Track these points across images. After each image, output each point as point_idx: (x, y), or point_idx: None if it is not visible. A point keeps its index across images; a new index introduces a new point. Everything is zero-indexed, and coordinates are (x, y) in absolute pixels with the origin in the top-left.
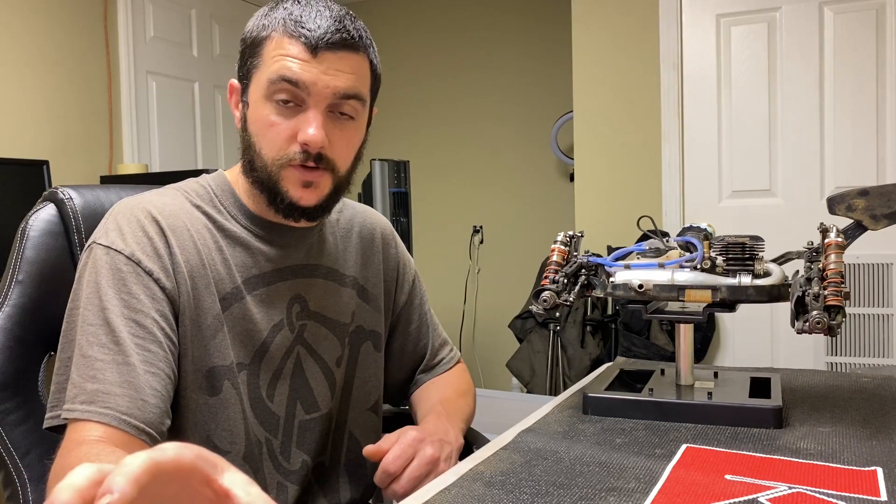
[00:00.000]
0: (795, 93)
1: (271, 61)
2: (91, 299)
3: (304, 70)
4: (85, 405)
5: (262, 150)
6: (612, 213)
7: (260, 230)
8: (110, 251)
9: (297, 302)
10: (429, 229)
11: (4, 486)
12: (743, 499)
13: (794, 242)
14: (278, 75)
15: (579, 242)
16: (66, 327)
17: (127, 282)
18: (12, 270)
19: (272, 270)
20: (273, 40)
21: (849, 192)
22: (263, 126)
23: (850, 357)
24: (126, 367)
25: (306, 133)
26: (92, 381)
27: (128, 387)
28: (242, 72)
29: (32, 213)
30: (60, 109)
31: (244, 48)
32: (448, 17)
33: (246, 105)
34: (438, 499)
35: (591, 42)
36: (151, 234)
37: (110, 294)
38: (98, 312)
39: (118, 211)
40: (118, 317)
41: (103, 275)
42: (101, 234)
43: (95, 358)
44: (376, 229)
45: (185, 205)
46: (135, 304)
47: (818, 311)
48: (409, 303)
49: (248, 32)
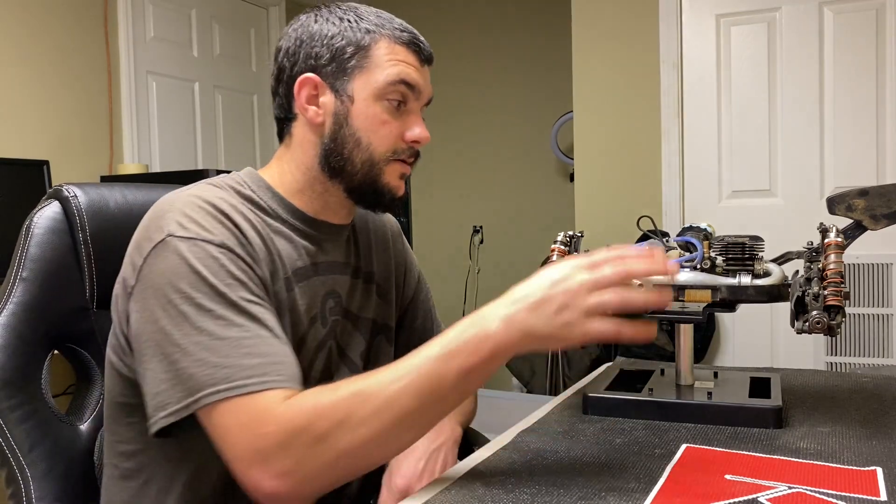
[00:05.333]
0: (795, 93)
1: (387, 64)
2: (201, 289)
3: (418, 76)
4: (258, 377)
5: (371, 144)
6: (612, 213)
7: (300, 224)
8: (198, 242)
9: (332, 297)
10: (429, 229)
11: (7, 484)
12: (743, 499)
13: (794, 242)
14: (399, 78)
15: (579, 242)
16: (166, 322)
17: (228, 267)
18: (17, 268)
19: (311, 264)
20: (384, 46)
21: (849, 192)
22: (376, 123)
23: (850, 357)
24: (272, 338)
25: (419, 133)
26: (250, 357)
27: (284, 355)
28: (334, 68)
29: (37, 210)
30: (60, 109)
31: (336, 48)
32: (448, 17)
33: (348, 100)
34: (438, 499)
35: (591, 42)
36: (228, 224)
37: (219, 279)
38: (217, 298)
39: (181, 204)
40: (236, 297)
41: (203, 265)
42: (176, 227)
43: (234, 338)
44: (386, 225)
45: (234, 199)
46: (243, 288)
47: (818, 311)
48: (415, 298)
49: (338, 32)
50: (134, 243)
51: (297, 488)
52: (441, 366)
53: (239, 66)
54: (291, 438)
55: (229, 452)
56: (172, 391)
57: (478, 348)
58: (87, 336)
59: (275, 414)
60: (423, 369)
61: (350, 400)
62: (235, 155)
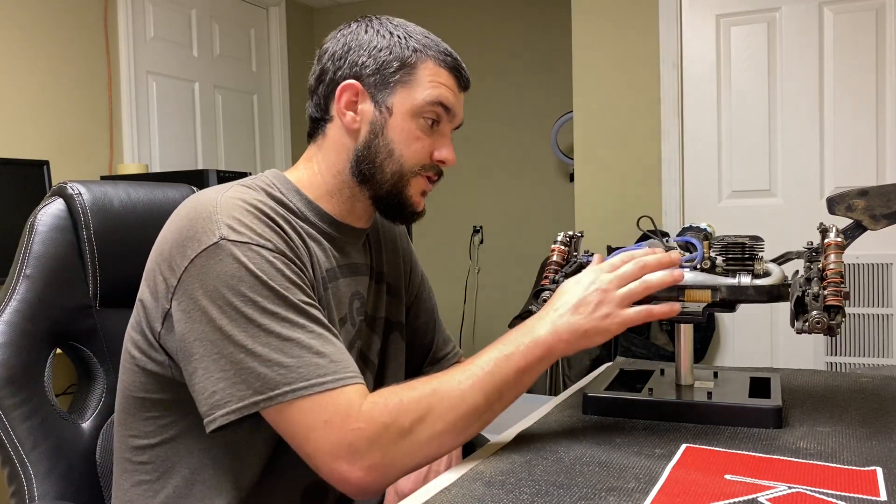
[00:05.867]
0: (795, 93)
1: (429, 84)
2: (261, 292)
3: (456, 100)
4: (332, 375)
5: (402, 156)
6: (612, 213)
7: (327, 227)
8: (253, 247)
9: (357, 299)
10: (429, 229)
11: (10, 482)
12: (743, 499)
13: (794, 242)
14: (438, 100)
15: (579, 242)
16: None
17: (284, 271)
18: (20, 265)
19: (338, 266)
20: (429, 66)
21: (849, 192)
22: (410, 138)
23: (850, 357)
24: (332, 337)
25: (445, 153)
26: (320, 357)
27: (346, 352)
28: (378, 79)
29: (41, 207)
30: (60, 109)
31: (383, 61)
32: (448, 17)
33: (386, 111)
34: (438, 499)
35: (591, 42)
36: (275, 228)
37: (277, 283)
38: (276, 300)
39: (229, 207)
40: (296, 299)
41: (261, 269)
42: (228, 231)
43: (300, 339)
44: (394, 226)
45: (268, 200)
46: (299, 291)
47: (818, 311)
48: (419, 297)
49: (384, 47)
50: (174, 242)
51: (383, 479)
52: (502, 366)
53: (239, 66)
54: (380, 434)
55: (312, 447)
56: (234, 389)
57: (531, 351)
58: (89, 334)
59: (362, 410)
60: (487, 369)
61: (430, 397)
62: (235, 155)
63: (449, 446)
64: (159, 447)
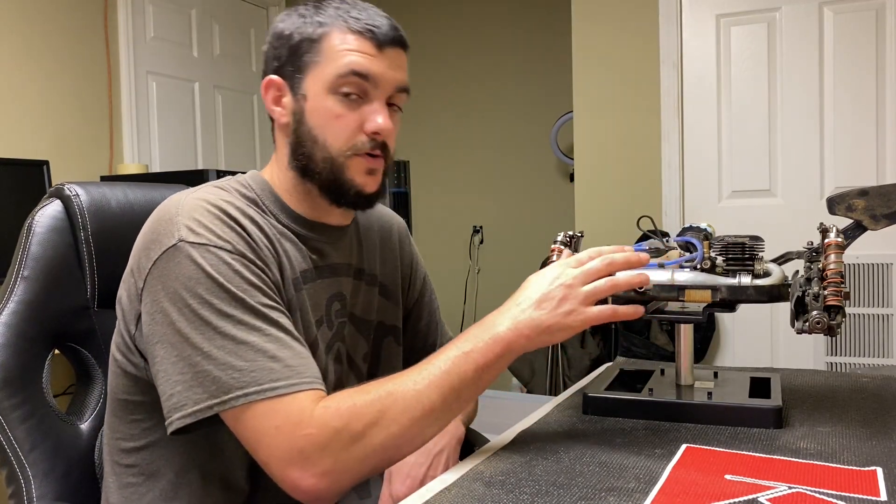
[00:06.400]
0: (795, 93)
1: (337, 56)
2: (217, 294)
3: (372, 64)
4: (285, 380)
5: (327, 141)
6: (612, 213)
7: (302, 228)
8: (210, 248)
9: (337, 300)
10: (429, 229)
11: (8, 483)
12: (743, 499)
13: (794, 242)
14: (349, 69)
15: (579, 242)
16: (183, 325)
17: (242, 273)
18: (18, 266)
19: (315, 268)
20: (335, 36)
21: (849, 192)
22: (329, 118)
23: (850, 357)
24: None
25: (377, 123)
26: (274, 361)
27: (305, 356)
28: (292, 67)
29: (38, 208)
30: (60, 109)
31: (293, 45)
32: (448, 17)
33: (303, 98)
34: (438, 499)
35: (591, 42)
36: (237, 228)
37: (234, 286)
38: (233, 302)
39: (189, 208)
40: (254, 301)
41: (217, 271)
42: (187, 233)
43: (256, 342)
44: (393, 226)
45: (241, 202)
46: (259, 293)
47: (818, 311)
48: (420, 299)
49: (295, 28)
50: (141, 245)
51: (335, 485)
52: (461, 364)
53: (239, 66)
54: (331, 439)
55: (264, 453)
56: (190, 392)
57: (490, 348)
58: (87, 335)
59: (313, 416)
60: (444, 368)
61: (384, 400)
62: (235, 155)
63: (406, 449)
64: (144, 450)
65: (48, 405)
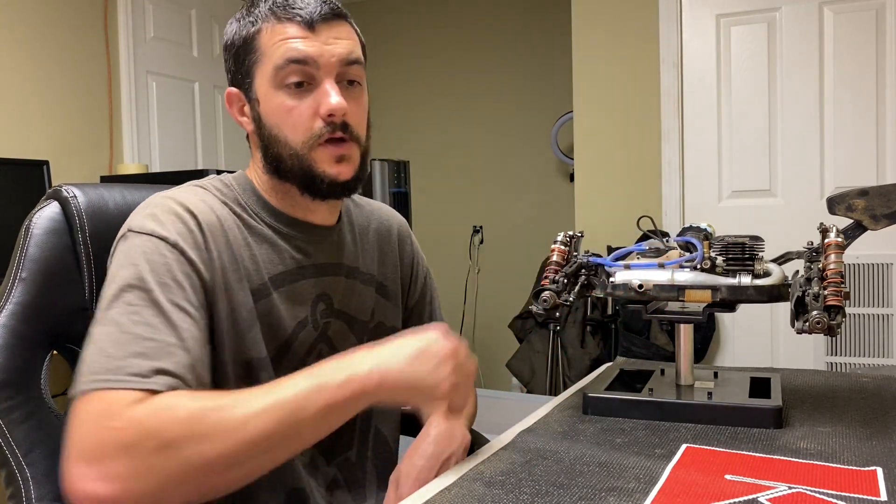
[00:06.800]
0: (795, 93)
1: (272, 50)
2: (133, 284)
3: (307, 46)
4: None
5: (287, 137)
6: (612, 213)
7: (285, 228)
8: (153, 238)
9: (323, 300)
10: (429, 229)
11: (6, 485)
12: (743, 499)
13: (794, 242)
14: (284, 59)
15: (579, 242)
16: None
17: (171, 268)
18: (16, 268)
19: (297, 268)
20: (266, 31)
21: (849, 192)
22: (282, 113)
23: (850, 357)
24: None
25: (328, 104)
26: (141, 358)
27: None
28: (241, 74)
29: (36, 210)
30: (60, 109)
31: (235, 51)
32: (448, 17)
33: (256, 102)
34: (438, 499)
35: (591, 42)
36: (191, 226)
37: (155, 279)
38: (143, 295)
39: (153, 204)
40: (165, 300)
41: (147, 259)
42: (139, 224)
43: (146, 337)
44: (393, 226)
45: (214, 201)
46: (178, 290)
47: (818, 311)
48: (422, 300)
49: (233, 36)
50: None
51: (122, 495)
52: (308, 396)
53: None
54: (137, 440)
55: (68, 442)
56: (80, 369)
57: (344, 387)
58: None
59: (126, 410)
60: (288, 396)
61: (209, 412)
62: (235, 155)
63: (229, 476)
64: None
65: (47, 406)
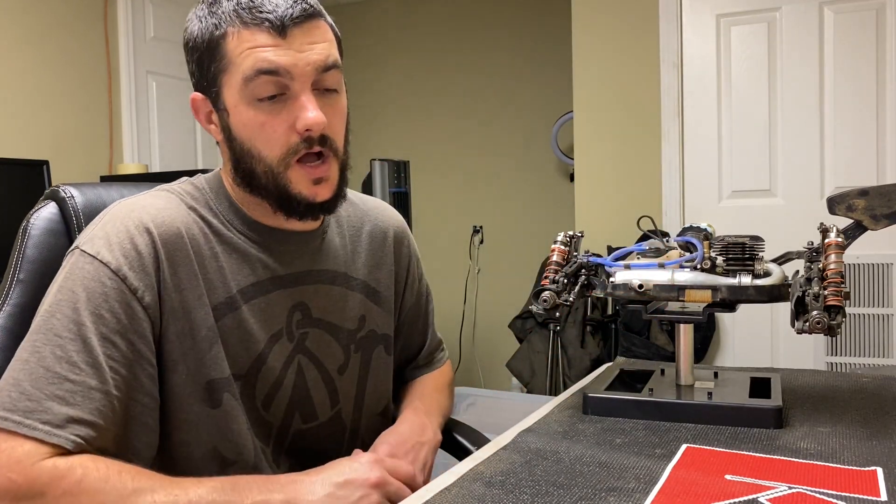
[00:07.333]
0: (795, 93)
1: (240, 59)
2: (65, 311)
3: (279, 56)
4: (57, 429)
5: (261, 152)
6: (612, 213)
7: (257, 236)
8: (95, 261)
9: (299, 310)
10: (429, 229)
11: None
12: (743, 499)
13: (794, 242)
14: (254, 70)
15: (579, 242)
16: (35, 329)
17: (109, 297)
18: (14, 269)
19: (270, 279)
20: (232, 36)
21: (849, 192)
22: (255, 128)
23: (850, 357)
24: (100, 393)
25: (305, 118)
26: (57, 402)
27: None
28: (206, 81)
29: (34, 211)
30: (60, 109)
31: (198, 55)
32: (448, 17)
33: (225, 113)
34: (438, 499)
35: (591, 42)
36: (141, 247)
37: (90, 309)
38: (72, 327)
39: (109, 219)
40: (94, 335)
41: (85, 286)
42: (87, 242)
43: (66, 377)
44: (389, 228)
45: (180, 208)
46: (113, 322)
47: (818, 311)
48: (416, 303)
49: (194, 36)
50: None
51: None
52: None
53: None
54: (28, 498)
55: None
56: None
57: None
58: None
59: (28, 465)
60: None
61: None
62: None
63: None
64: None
65: None
